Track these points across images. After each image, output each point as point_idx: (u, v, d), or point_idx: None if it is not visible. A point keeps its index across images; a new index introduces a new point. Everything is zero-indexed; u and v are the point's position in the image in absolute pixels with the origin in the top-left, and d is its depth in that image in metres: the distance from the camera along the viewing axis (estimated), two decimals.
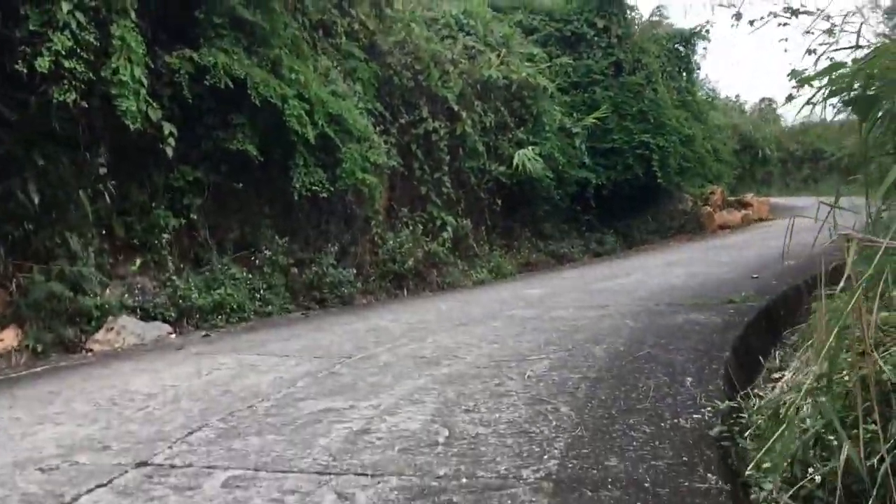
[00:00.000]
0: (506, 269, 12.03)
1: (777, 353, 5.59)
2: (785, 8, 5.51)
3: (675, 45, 18.95)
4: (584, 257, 14.23)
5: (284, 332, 6.64)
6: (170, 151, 7.06)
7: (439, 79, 11.50)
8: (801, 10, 5.41)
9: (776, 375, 5.02)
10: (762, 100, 37.00)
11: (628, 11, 16.65)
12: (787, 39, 5.86)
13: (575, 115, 14.73)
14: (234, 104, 7.86)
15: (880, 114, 3.50)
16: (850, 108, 3.80)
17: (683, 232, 17.85)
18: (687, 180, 18.13)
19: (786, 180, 38.35)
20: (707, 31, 18.93)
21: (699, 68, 19.96)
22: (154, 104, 6.97)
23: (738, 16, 5.67)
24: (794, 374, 4.54)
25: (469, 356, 4.98)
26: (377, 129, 9.95)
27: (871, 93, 3.48)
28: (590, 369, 4.36)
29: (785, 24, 5.70)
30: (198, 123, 7.81)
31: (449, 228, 11.22)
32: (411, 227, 10.66)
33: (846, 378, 3.05)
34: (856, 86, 3.64)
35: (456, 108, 11.59)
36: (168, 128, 7.00)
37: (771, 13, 5.56)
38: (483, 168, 12.20)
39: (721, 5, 5.73)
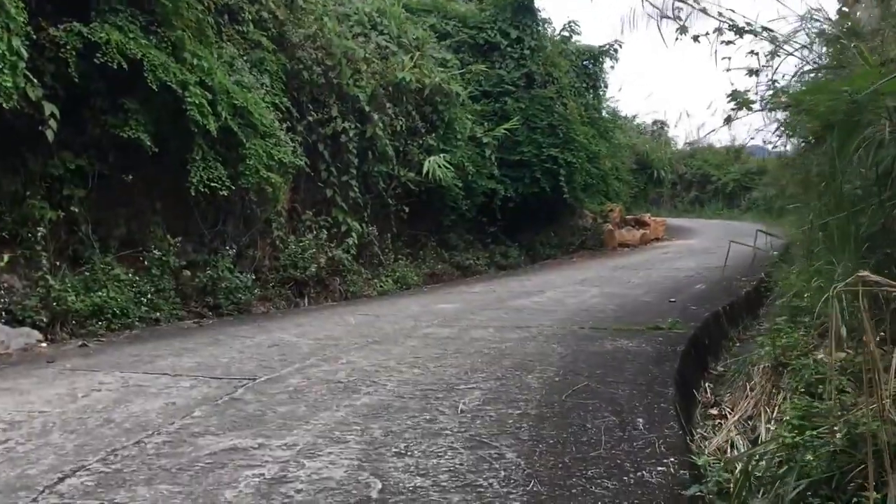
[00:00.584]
0: (411, 279, 11.56)
1: (706, 384, 5.37)
2: (731, 26, 5.29)
3: (584, 62, 19.06)
4: (489, 270, 13.94)
5: (176, 345, 5.93)
6: (50, 135, 6.28)
7: (351, 77, 10.95)
8: (747, 28, 5.19)
9: (713, 412, 4.76)
10: (655, 122, 38.15)
11: (542, 24, 16.55)
12: (729, 58, 5.68)
13: (486, 124, 14.45)
14: (128, 87, 7.11)
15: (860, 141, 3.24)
16: (827, 132, 3.54)
17: (585, 248, 17.88)
18: (590, 197, 18.20)
19: (674, 202, 39.69)
20: (615, 51, 19.14)
21: (606, 86, 20.18)
22: (34, 81, 6.17)
23: (682, 29, 5.41)
24: (737, 415, 4.28)
25: (390, 382, 4.47)
26: (283, 125, 9.31)
27: (853, 119, 3.23)
28: (528, 404, 3.94)
29: (729, 43, 5.50)
30: (84, 106, 7.02)
31: (354, 234, 10.67)
32: (315, 232, 10.05)
33: (836, 433, 2.73)
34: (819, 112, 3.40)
35: (367, 109, 11.06)
36: (49, 108, 6.22)
37: (717, 29, 5.33)
38: (392, 173, 11.71)
39: (666, 16, 5.42)
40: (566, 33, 17.93)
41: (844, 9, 7.14)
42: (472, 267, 13.63)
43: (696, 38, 5.39)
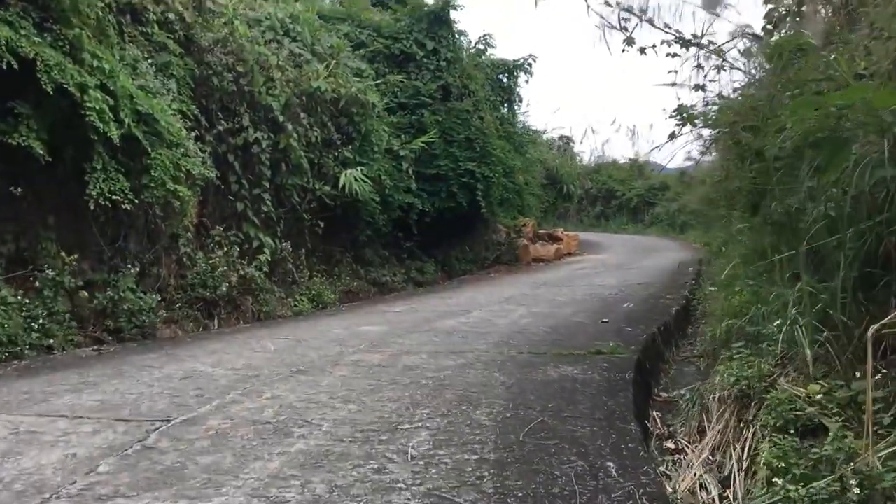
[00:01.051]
0: (327, 297, 11.04)
1: (654, 413, 5.12)
2: (676, 38, 5.10)
3: (498, 76, 18.96)
4: (406, 287, 13.53)
5: (73, 378, 5.26)
6: None
7: (263, 85, 10.39)
8: (693, 41, 5.01)
9: (668, 444, 4.50)
10: (561, 137, 38.67)
11: (457, 36, 16.32)
12: (676, 72, 5.51)
13: (403, 137, 14.07)
14: (19, 90, 6.41)
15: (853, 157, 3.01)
16: (815, 149, 3.31)
17: (500, 263, 17.71)
18: (505, 211, 18.07)
19: (580, 216, 40.32)
20: (530, 65, 19.11)
21: (521, 100, 20.11)
22: None
23: (630, 41, 5.18)
24: (702, 452, 4.02)
25: (325, 422, 4.01)
26: (192, 134, 8.68)
27: (842, 135, 3.01)
28: (484, 446, 3.55)
29: (675, 56, 5.31)
30: None
31: (267, 251, 10.08)
32: (225, 248, 9.40)
33: (850, 488, 2.45)
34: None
35: (281, 118, 10.50)
36: None
37: (664, 41, 5.12)
38: (307, 186, 11.16)
39: (612, 27, 5.18)
40: (481, 46, 17.78)
41: (769, 27, 7.13)
42: (388, 284, 13.20)
43: (642, 51, 5.16)
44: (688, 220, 30.63)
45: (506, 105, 19.25)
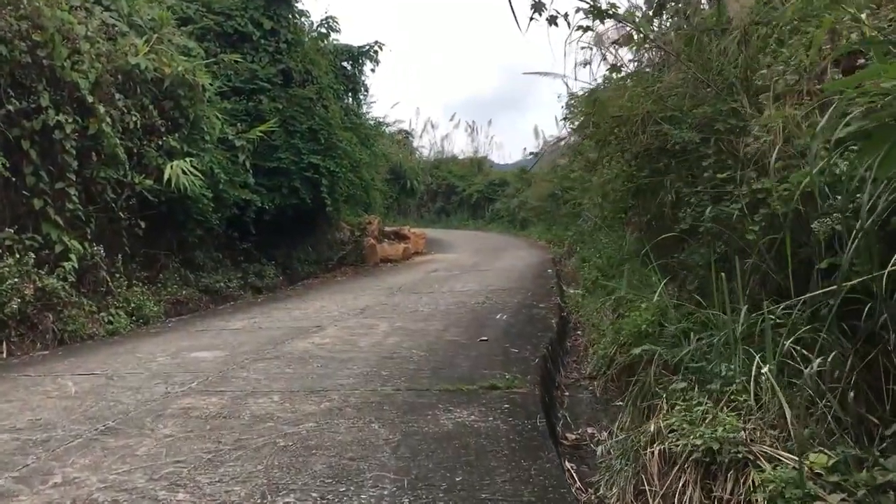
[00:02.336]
0: (149, 310, 9.42)
1: (568, 466, 4.15)
2: (590, 8, 4.19)
3: (342, 62, 17.67)
4: (244, 294, 12.03)
5: None
6: None
7: (68, 58, 8.63)
8: (610, 11, 4.11)
9: None
10: (401, 131, 37.81)
11: (298, 17, 14.89)
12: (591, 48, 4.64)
13: (238, 125, 12.52)
14: None
15: None
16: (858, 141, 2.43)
17: (346, 264, 16.50)
18: (351, 208, 16.89)
19: (421, 212, 39.74)
20: (376, 52, 17.94)
21: (367, 90, 18.89)
22: None
23: (538, 6, 4.19)
24: None
25: None
26: None
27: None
28: None
29: (587, 29, 4.41)
30: None
31: (73, 257, 8.36)
32: (18, 255, 7.66)
33: None
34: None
35: (90, 99, 8.78)
36: None
37: (578, 8, 4.19)
38: (124, 180, 9.47)
39: None
40: (324, 30, 16.39)
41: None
42: (222, 291, 11.65)
43: (552, 20, 4.19)
44: (528, 216, 30.75)
45: (350, 95, 17.98)
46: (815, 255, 3.41)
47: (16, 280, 7.41)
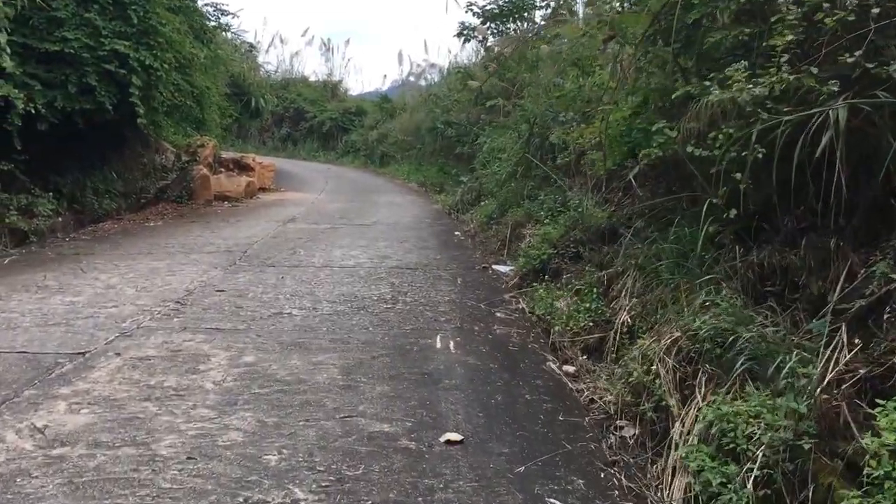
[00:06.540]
0: None
1: None
2: None
3: None
4: None
5: None
6: None
7: None
8: None
9: None
10: (243, 43, 32.52)
11: None
12: None
13: None
14: None
15: None
16: None
17: (166, 200, 12.21)
18: (175, 125, 12.55)
19: (264, 137, 34.90)
20: None
21: None
22: None
23: None
24: None
25: None
26: None
27: None
28: None
29: None
30: None
31: None
32: None
33: None
34: None
35: None
36: None
37: None
38: None
39: None
40: None
41: None
42: None
43: None
44: (389, 151, 26.98)
45: None
46: None
47: None
